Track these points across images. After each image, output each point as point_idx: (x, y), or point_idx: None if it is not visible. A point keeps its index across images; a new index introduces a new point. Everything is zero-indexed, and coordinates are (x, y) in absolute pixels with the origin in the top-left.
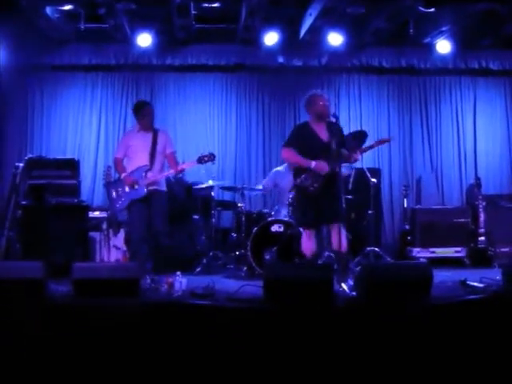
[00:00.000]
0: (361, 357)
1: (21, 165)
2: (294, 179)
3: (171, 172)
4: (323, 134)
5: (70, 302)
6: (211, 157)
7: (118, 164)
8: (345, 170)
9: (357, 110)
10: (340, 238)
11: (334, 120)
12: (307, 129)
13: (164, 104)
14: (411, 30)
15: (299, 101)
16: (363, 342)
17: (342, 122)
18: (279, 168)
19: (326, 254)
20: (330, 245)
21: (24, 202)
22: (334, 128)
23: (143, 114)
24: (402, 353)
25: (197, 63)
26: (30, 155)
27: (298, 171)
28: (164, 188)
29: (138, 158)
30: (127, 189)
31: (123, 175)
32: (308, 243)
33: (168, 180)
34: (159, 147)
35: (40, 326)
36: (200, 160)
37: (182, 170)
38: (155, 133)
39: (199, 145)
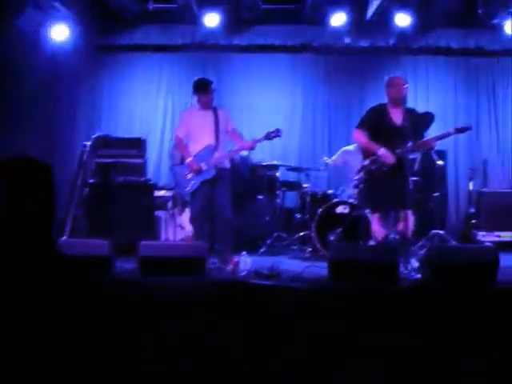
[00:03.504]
0: (425, 338)
1: (88, 143)
2: (363, 160)
3: (240, 147)
4: (398, 118)
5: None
6: (278, 132)
7: (180, 144)
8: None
9: (423, 92)
10: (407, 223)
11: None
12: (382, 111)
13: (230, 84)
14: (479, 11)
15: (366, 82)
16: (427, 323)
17: (409, 103)
18: (349, 147)
19: (392, 236)
20: (395, 227)
21: (91, 180)
22: (412, 115)
23: (206, 91)
24: (465, 335)
25: (264, 43)
26: (98, 134)
27: (367, 153)
28: (228, 165)
29: (202, 138)
30: (193, 174)
31: (188, 160)
32: (378, 227)
33: (233, 159)
34: (221, 125)
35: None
36: (268, 136)
37: (252, 147)
38: (215, 111)
39: (264, 125)
